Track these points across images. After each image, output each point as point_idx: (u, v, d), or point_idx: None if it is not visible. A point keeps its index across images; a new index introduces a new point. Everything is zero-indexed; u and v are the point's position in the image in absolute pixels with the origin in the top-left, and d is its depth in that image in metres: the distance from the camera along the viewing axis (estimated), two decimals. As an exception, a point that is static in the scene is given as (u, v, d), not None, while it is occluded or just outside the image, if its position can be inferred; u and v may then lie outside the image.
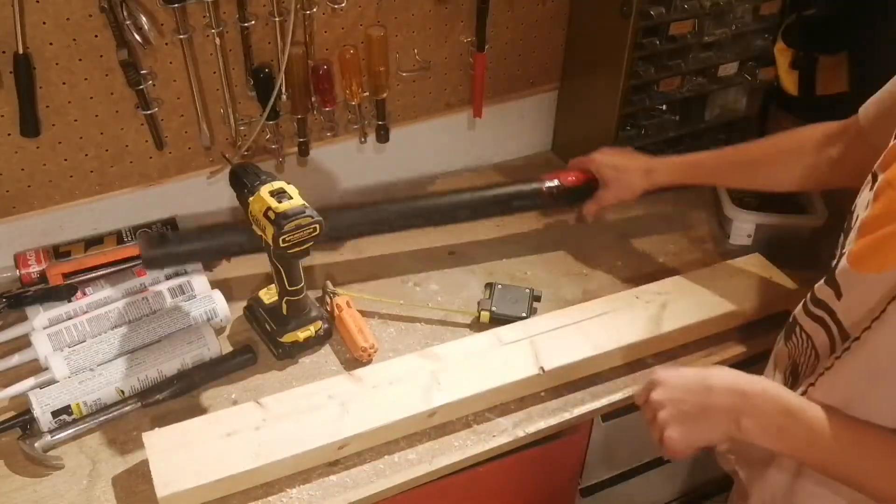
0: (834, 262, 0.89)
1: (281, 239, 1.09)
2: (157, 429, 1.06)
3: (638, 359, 1.22)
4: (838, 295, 0.87)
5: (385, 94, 1.45)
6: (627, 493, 1.47)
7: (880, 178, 0.84)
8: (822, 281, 0.91)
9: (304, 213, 1.09)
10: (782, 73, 1.46)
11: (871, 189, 0.84)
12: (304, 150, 1.46)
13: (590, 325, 1.22)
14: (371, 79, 1.43)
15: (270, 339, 1.23)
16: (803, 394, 0.91)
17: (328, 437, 1.05)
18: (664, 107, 1.58)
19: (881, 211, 0.82)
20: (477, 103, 1.58)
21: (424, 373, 1.14)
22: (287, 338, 1.21)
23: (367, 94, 1.44)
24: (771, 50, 1.48)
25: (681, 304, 1.26)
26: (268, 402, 1.10)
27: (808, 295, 0.94)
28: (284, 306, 1.21)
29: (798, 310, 0.96)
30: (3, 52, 1.17)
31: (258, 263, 1.35)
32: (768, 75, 1.56)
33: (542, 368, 1.15)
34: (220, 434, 1.05)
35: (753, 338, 1.27)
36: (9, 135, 1.24)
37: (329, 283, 1.32)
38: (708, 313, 1.25)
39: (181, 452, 1.03)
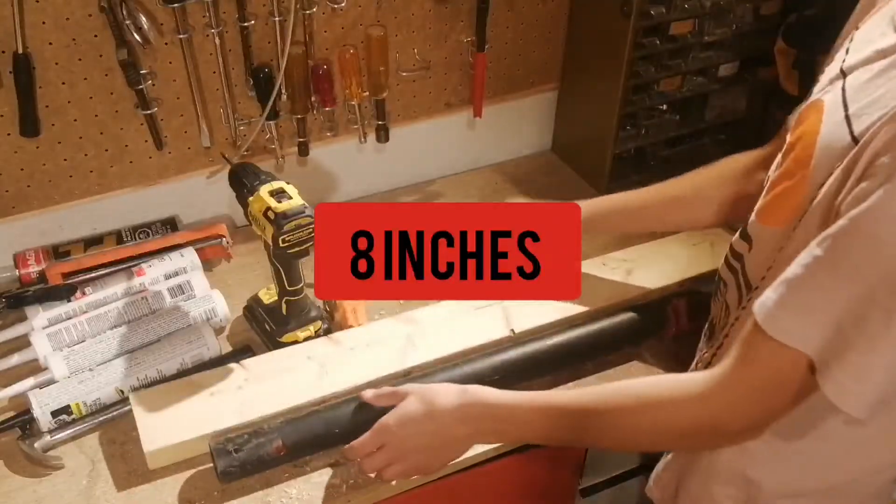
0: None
1: (281, 239, 1.09)
2: (142, 389, 1.11)
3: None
4: (750, 247, 0.91)
5: (385, 94, 1.45)
6: (627, 493, 1.47)
7: (788, 139, 0.87)
8: (737, 234, 0.95)
9: (304, 212, 1.09)
10: (782, 73, 1.46)
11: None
12: (303, 150, 1.46)
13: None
14: (371, 79, 1.43)
15: (270, 339, 1.23)
16: (716, 352, 0.96)
17: (307, 396, 1.10)
18: (664, 107, 1.58)
19: (784, 169, 0.85)
20: (477, 103, 1.58)
21: (400, 335, 1.19)
22: (286, 338, 1.21)
23: (366, 93, 1.44)
24: (771, 50, 1.48)
25: (645, 270, 1.31)
26: (249, 364, 1.15)
27: (728, 249, 0.97)
28: (284, 306, 1.21)
29: (720, 265, 0.99)
30: (3, 52, 1.17)
31: (258, 263, 1.36)
32: (768, 75, 1.56)
33: (512, 330, 1.20)
34: (204, 393, 1.10)
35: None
36: (8, 135, 1.24)
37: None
38: (672, 279, 1.29)
39: (167, 410, 1.07)
